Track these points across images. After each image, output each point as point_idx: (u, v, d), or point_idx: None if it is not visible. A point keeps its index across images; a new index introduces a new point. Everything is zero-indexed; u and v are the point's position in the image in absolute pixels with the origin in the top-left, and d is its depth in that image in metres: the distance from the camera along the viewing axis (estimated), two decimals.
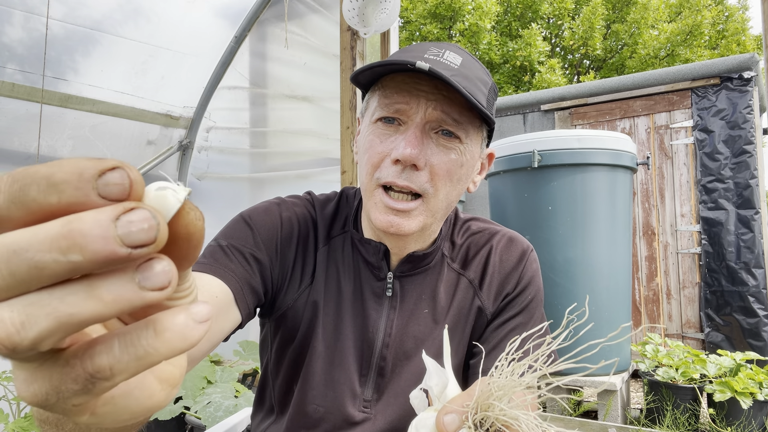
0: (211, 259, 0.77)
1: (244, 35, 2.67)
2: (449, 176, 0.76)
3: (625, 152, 2.98)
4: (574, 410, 2.98)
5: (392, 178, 0.74)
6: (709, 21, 12.21)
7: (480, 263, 0.89)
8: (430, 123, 0.74)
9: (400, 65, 0.70)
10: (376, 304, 0.85)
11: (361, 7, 1.85)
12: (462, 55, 0.77)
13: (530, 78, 13.02)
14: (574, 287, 2.87)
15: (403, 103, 0.74)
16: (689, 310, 4.19)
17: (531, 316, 0.87)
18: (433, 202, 0.77)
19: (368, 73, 0.75)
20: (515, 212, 3.09)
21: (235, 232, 0.82)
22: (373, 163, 0.76)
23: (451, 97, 0.73)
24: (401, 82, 0.74)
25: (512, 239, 0.91)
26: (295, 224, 0.86)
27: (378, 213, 0.76)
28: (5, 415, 1.59)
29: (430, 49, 0.76)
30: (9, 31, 1.99)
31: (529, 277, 0.89)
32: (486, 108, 0.74)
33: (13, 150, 2.10)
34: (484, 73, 0.79)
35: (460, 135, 0.75)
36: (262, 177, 2.79)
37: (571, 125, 4.75)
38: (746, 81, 4.00)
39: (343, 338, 0.85)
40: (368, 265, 0.86)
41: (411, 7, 12.84)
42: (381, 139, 0.76)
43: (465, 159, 0.77)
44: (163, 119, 2.66)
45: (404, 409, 0.84)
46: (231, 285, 0.74)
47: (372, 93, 0.80)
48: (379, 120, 0.76)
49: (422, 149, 0.73)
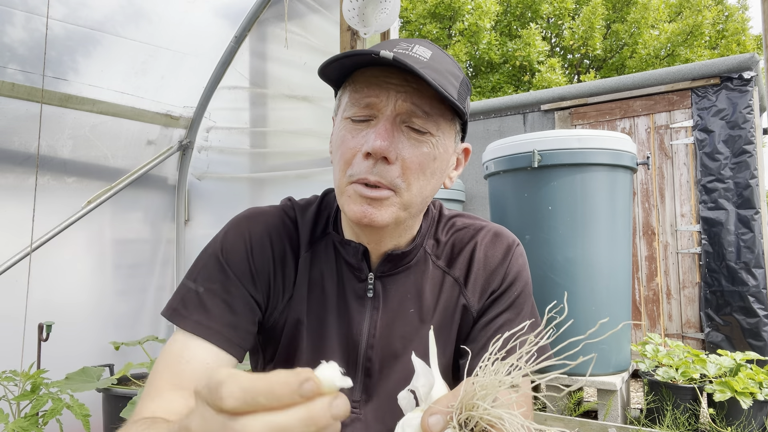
0: (196, 318, 0.78)
1: (244, 35, 2.67)
2: (422, 170, 0.75)
3: (625, 152, 2.98)
4: (574, 410, 2.98)
5: (364, 174, 0.73)
6: (710, 21, 12.21)
7: (465, 260, 0.88)
8: (401, 115, 0.74)
9: (364, 55, 0.70)
10: (359, 305, 0.85)
11: (361, 7, 1.85)
12: (432, 49, 0.77)
13: (530, 78, 13.02)
14: (574, 287, 2.87)
15: (373, 96, 0.73)
16: (689, 310, 4.19)
17: (519, 312, 0.86)
18: (407, 196, 0.76)
19: (336, 66, 0.74)
20: (515, 212, 3.09)
21: (212, 274, 0.82)
22: (346, 160, 0.76)
23: (421, 89, 0.73)
24: (371, 77, 0.74)
25: (497, 234, 0.90)
26: (266, 241, 0.85)
27: (352, 204, 0.75)
28: (5, 415, 1.59)
29: (400, 44, 0.76)
30: (10, 32, 1.99)
31: (515, 272, 0.87)
32: (457, 100, 0.73)
33: (13, 150, 2.10)
34: (455, 67, 0.79)
35: (431, 128, 0.75)
36: (262, 177, 2.79)
37: (571, 125, 4.75)
38: (746, 81, 4.00)
39: (328, 341, 0.85)
40: (349, 267, 0.86)
41: (411, 7, 12.84)
42: (353, 135, 0.75)
43: (438, 152, 0.77)
44: (163, 119, 2.65)
45: (395, 409, 0.85)
46: (221, 344, 0.78)
47: (343, 89, 0.80)
48: (350, 117, 0.76)
49: (393, 141, 0.72)
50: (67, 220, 2.25)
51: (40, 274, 2.07)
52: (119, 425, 0.76)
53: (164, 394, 0.73)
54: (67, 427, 1.81)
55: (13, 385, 1.74)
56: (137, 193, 2.63)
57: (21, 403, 1.75)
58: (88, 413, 1.68)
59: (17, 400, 1.69)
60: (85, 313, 2.39)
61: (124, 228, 2.59)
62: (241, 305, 0.81)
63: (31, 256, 1.93)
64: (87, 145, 2.37)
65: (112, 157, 2.48)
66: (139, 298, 2.62)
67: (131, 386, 2.10)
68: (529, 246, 2.97)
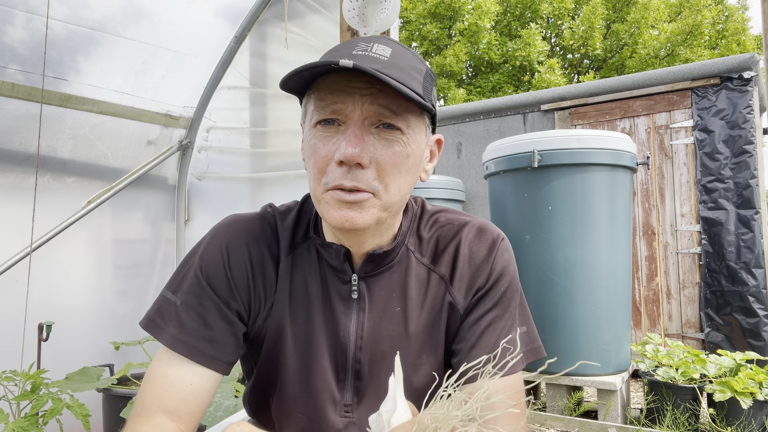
0: (171, 332, 0.80)
1: (244, 35, 2.67)
2: (397, 169, 0.75)
3: (625, 152, 2.98)
4: (574, 410, 2.98)
5: (339, 181, 0.73)
6: (710, 21, 12.21)
7: (450, 257, 0.87)
8: (369, 118, 0.73)
9: (324, 66, 0.69)
10: (344, 307, 0.85)
11: (361, 7, 1.85)
12: (392, 46, 0.77)
13: (530, 78, 13.02)
14: (574, 287, 2.87)
15: (338, 102, 0.73)
16: (689, 310, 4.19)
17: (507, 307, 0.85)
18: (386, 198, 0.76)
19: (297, 78, 0.74)
20: (515, 212, 3.09)
21: (189, 286, 0.83)
22: (319, 168, 0.75)
23: (386, 89, 0.72)
24: (333, 82, 0.73)
25: (482, 230, 0.88)
26: (244, 249, 0.85)
27: (332, 210, 0.75)
28: (5, 415, 1.59)
29: (359, 45, 0.75)
30: (11, 32, 1.99)
31: (500, 268, 0.86)
32: (423, 95, 0.73)
33: (13, 150, 2.10)
34: (417, 61, 0.78)
35: (401, 126, 0.74)
36: (262, 177, 2.79)
37: (571, 125, 4.76)
38: (746, 81, 4.00)
39: (316, 345, 0.84)
40: (332, 269, 0.85)
41: (411, 7, 12.84)
42: (323, 143, 0.75)
43: (410, 149, 0.77)
44: (163, 119, 2.65)
45: None
46: (201, 361, 0.79)
47: (307, 97, 0.79)
48: (318, 123, 0.76)
49: (364, 146, 0.72)
50: (67, 220, 2.25)
51: (40, 274, 2.07)
52: (119, 425, 0.77)
53: (153, 416, 0.76)
54: (67, 427, 1.81)
55: (13, 385, 1.74)
56: (137, 193, 2.63)
57: (21, 403, 1.75)
58: (88, 413, 1.68)
59: (17, 400, 1.69)
60: (85, 313, 2.39)
61: (124, 228, 2.59)
62: (216, 319, 0.81)
63: (31, 256, 1.93)
64: (87, 145, 2.37)
65: (112, 157, 2.48)
66: (139, 298, 2.62)
67: (131, 386, 2.10)
68: (529, 246, 2.97)
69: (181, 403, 0.77)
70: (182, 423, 0.77)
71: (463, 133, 5.43)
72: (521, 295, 0.89)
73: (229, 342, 0.82)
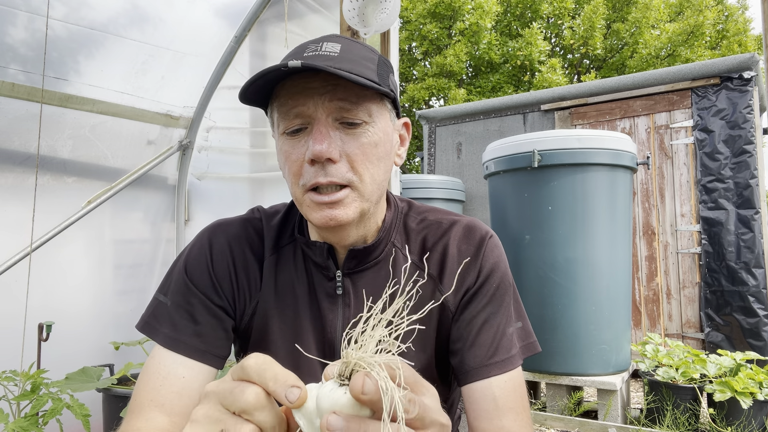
0: (165, 332, 0.83)
1: (244, 35, 2.67)
2: (368, 158, 0.77)
3: (625, 152, 2.98)
4: (574, 410, 2.98)
5: (315, 179, 0.75)
6: (711, 21, 12.20)
7: (438, 255, 0.87)
8: (332, 114, 0.75)
9: (275, 71, 0.71)
10: (330, 304, 0.86)
11: (361, 7, 1.85)
12: (341, 42, 0.78)
13: (530, 78, 13.02)
14: (574, 287, 2.87)
15: (299, 105, 0.75)
16: (689, 309, 4.19)
17: (501, 304, 0.85)
18: (362, 188, 0.78)
19: (253, 90, 0.76)
20: (515, 212, 3.09)
21: (177, 287, 0.86)
22: (294, 172, 0.78)
23: (342, 83, 0.74)
24: (291, 87, 0.75)
25: (470, 228, 0.89)
26: (226, 250, 0.88)
27: (314, 212, 0.77)
28: (5, 415, 1.59)
29: (309, 46, 0.77)
30: (12, 32, 1.99)
31: (490, 265, 0.86)
32: (378, 81, 0.75)
33: (13, 150, 2.10)
34: (368, 51, 0.80)
35: (364, 116, 0.76)
36: (262, 177, 2.79)
37: (571, 125, 4.75)
38: (746, 81, 4.00)
39: (304, 342, 0.86)
40: (317, 267, 0.87)
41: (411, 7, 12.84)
42: (294, 147, 0.77)
43: (377, 137, 0.78)
44: (163, 119, 2.65)
45: None
46: (192, 355, 0.82)
47: (271, 107, 0.81)
48: (285, 131, 0.78)
49: (331, 142, 0.74)
50: (67, 220, 2.25)
51: (40, 274, 2.07)
52: (119, 425, 0.78)
53: (146, 412, 0.78)
54: (67, 427, 1.81)
55: (13, 385, 1.74)
56: (137, 193, 2.63)
57: (21, 403, 1.75)
58: (88, 413, 1.68)
59: (17, 400, 1.69)
60: (85, 313, 2.39)
61: (124, 228, 2.59)
62: (203, 314, 0.84)
63: (31, 256, 1.93)
64: (87, 145, 2.37)
65: (112, 157, 2.48)
66: (139, 298, 2.62)
67: (131, 386, 2.10)
68: (530, 246, 2.97)
69: (175, 397, 0.79)
70: (176, 416, 0.78)
71: (463, 133, 5.43)
72: (514, 290, 0.89)
73: (218, 336, 0.85)
